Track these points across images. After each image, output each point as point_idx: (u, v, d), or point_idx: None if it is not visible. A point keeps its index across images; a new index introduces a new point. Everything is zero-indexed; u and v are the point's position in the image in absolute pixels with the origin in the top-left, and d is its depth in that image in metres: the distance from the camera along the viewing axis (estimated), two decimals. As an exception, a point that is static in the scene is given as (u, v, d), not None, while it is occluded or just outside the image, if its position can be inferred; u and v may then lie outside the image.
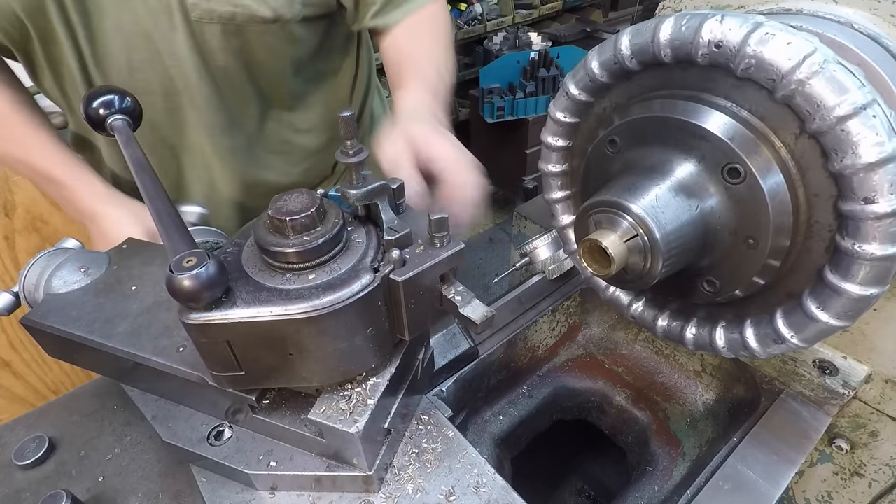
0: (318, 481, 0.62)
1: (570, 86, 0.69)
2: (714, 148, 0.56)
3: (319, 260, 0.53)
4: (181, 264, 0.46)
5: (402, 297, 0.54)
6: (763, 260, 0.58)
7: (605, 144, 0.68)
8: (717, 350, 0.68)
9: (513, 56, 3.26)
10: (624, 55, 0.61)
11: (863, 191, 0.48)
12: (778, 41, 0.49)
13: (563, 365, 1.08)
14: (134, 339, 0.61)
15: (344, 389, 0.59)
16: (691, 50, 0.54)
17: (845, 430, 0.87)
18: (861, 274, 0.51)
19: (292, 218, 0.51)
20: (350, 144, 0.53)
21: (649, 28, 0.57)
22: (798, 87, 0.48)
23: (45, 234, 1.84)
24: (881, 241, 0.49)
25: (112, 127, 0.65)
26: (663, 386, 1.02)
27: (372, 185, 0.55)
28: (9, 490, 0.67)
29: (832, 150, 0.49)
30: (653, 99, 0.62)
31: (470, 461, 0.65)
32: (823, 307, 0.55)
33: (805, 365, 0.83)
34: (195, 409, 0.68)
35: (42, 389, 2.01)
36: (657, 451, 0.94)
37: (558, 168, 0.79)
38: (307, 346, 0.52)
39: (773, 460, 0.76)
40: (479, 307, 0.55)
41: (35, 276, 0.70)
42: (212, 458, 0.63)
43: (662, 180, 0.59)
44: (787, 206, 0.55)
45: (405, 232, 0.54)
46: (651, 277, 0.59)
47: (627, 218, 0.58)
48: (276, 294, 0.51)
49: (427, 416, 0.71)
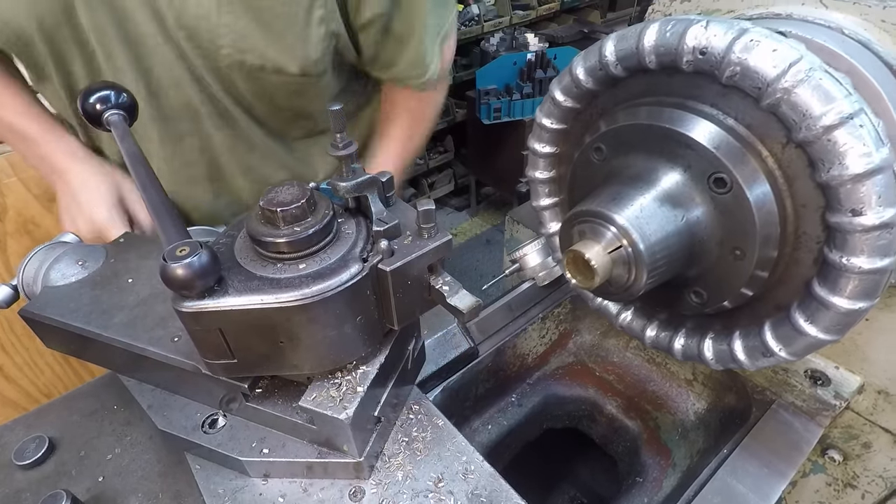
0: (310, 468, 0.64)
1: (556, 92, 0.67)
2: (700, 157, 0.55)
3: (309, 250, 0.54)
4: (174, 253, 0.47)
5: (391, 287, 0.55)
6: (750, 271, 0.57)
7: (591, 151, 0.66)
8: (705, 361, 0.66)
9: (509, 57, 3.24)
10: (609, 61, 0.59)
11: (850, 202, 0.46)
12: (763, 48, 0.47)
13: (553, 373, 1.06)
14: (130, 330, 0.63)
15: (334, 377, 0.60)
16: (676, 56, 0.53)
17: (838, 440, 0.86)
18: (849, 287, 0.50)
19: (283, 209, 0.52)
20: (339, 138, 0.54)
21: (634, 34, 0.56)
22: (784, 96, 0.47)
23: (37, 236, 1.83)
24: (869, 254, 0.47)
25: (108, 122, 0.66)
26: (654, 394, 1.01)
27: (361, 177, 0.56)
28: (9, 490, 0.67)
29: (819, 160, 0.47)
30: (639, 106, 0.61)
31: (459, 449, 0.66)
32: (812, 320, 0.54)
33: (797, 375, 0.81)
34: (190, 398, 0.69)
35: (34, 393, 1.99)
36: (647, 462, 0.93)
37: (545, 175, 0.77)
38: (297, 334, 0.53)
39: (763, 473, 0.75)
40: (466, 297, 0.56)
41: (33, 268, 0.71)
42: (206, 446, 0.64)
43: (648, 190, 0.58)
44: (773, 216, 0.54)
45: (394, 223, 0.55)
46: (636, 290, 0.57)
47: (611, 229, 0.56)
48: (267, 283, 0.52)
49: (417, 405, 0.72)
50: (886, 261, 0.47)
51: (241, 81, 0.89)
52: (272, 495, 0.63)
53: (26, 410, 0.79)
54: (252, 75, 0.88)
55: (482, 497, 0.62)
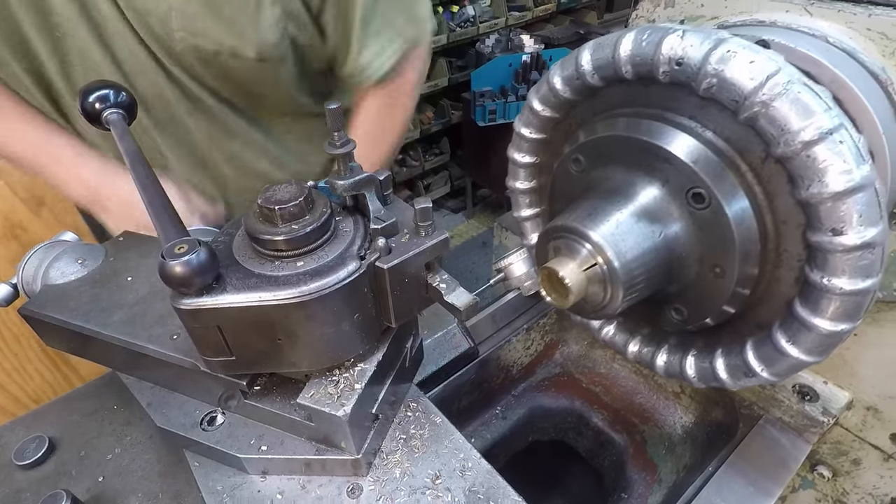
0: (308, 465, 0.64)
1: (534, 101, 0.65)
2: (678, 171, 0.53)
3: (307, 248, 0.54)
4: (173, 251, 0.48)
5: (388, 284, 0.55)
6: (731, 288, 0.55)
7: (570, 163, 0.64)
8: (688, 379, 0.64)
9: (504, 59, 3.22)
10: (585, 71, 0.57)
11: (830, 221, 0.44)
12: (740, 59, 0.45)
13: (539, 384, 1.04)
14: (129, 328, 0.64)
15: (332, 375, 0.61)
16: (652, 67, 0.51)
17: (827, 456, 0.84)
18: (831, 309, 0.48)
19: (281, 207, 0.53)
20: (337, 136, 0.54)
21: (610, 43, 0.54)
22: (761, 109, 0.45)
23: (25, 241, 1.81)
24: (851, 274, 0.45)
25: (107, 120, 0.66)
26: (641, 407, 0.99)
27: (359, 176, 0.56)
28: (9, 490, 0.67)
29: (798, 176, 0.45)
30: (617, 116, 0.59)
31: (456, 446, 0.66)
32: (793, 341, 0.52)
33: (784, 390, 0.79)
34: (189, 395, 0.69)
35: (23, 399, 1.98)
36: (633, 477, 0.91)
37: (526, 185, 0.75)
38: (295, 331, 0.54)
39: (749, 492, 0.73)
40: (463, 294, 0.57)
41: (33, 267, 0.72)
42: (205, 443, 0.65)
43: (625, 204, 0.56)
44: (753, 232, 0.52)
45: (391, 221, 0.56)
46: (611, 309, 0.55)
47: (586, 245, 0.54)
48: (265, 280, 0.52)
49: (415, 403, 0.72)
50: (868, 282, 0.45)
51: (200, 66, 0.87)
52: (270, 492, 0.64)
53: (15, 416, 0.78)
54: (210, 60, 0.86)
55: (479, 494, 0.62)
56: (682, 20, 0.73)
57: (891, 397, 0.73)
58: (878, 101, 0.57)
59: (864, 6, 0.58)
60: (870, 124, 0.55)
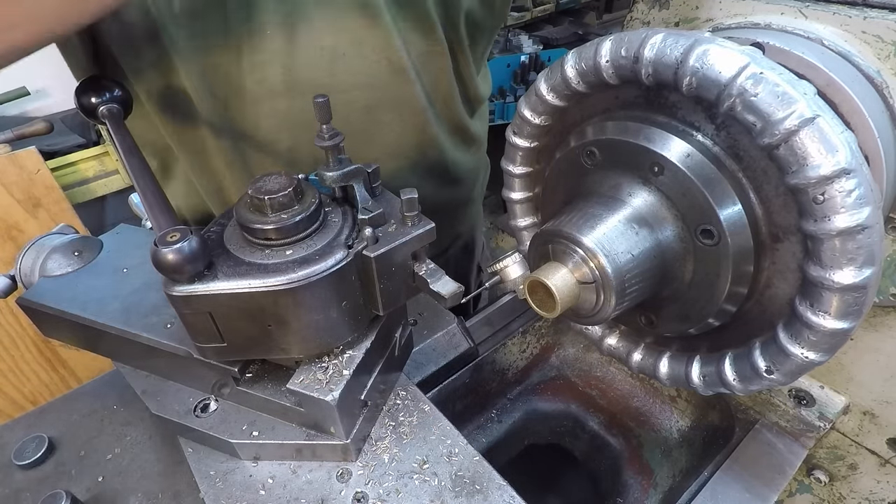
0: (299, 450, 0.66)
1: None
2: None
3: (296, 237, 0.56)
4: (165, 239, 0.49)
5: (375, 273, 0.57)
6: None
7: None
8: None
9: (503, 59, 3.21)
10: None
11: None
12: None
13: (535, 388, 1.04)
14: (125, 317, 0.65)
15: (321, 361, 0.62)
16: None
17: (824, 461, 0.83)
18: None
19: (270, 197, 0.54)
20: (326, 129, 0.55)
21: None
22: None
23: (21, 242, 1.81)
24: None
25: (103, 114, 0.68)
26: (638, 411, 0.98)
27: (348, 167, 0.57)
28: (9, 490, 0.67)
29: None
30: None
31: (444, 433, 0.68)
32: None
33: (780, 394, 0.79)
34: (183, 383, 0.71)
35: (19, 399, 1.98)
36: (629, 482, 0.90)
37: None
38: (285, 318, 0.56)
39: (745, 497, 0.72)
40: (448, 283, 0.57)
41: (31, 259, 0.73)
42: (198, 430, 0.66)
43: (619, 209, 0.55)
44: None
45: (378, 212, 0.57)
46: (604, 314, 0.55)
47: (578, 251, 0.54)
48: (255, 268, 0.54)
49: (405, 391, 0.74)
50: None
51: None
52: (262, 477, 0.65)
53: (11, 418, 0.78)
54: None
55: (465, 478, 0.63)
56: (676, 22, 0.72)
57: (887, 402, 0.72)
58: (873, 104, 0.56)
59: (859, 9, 0.58)
60: (864, 127, 0.55)
